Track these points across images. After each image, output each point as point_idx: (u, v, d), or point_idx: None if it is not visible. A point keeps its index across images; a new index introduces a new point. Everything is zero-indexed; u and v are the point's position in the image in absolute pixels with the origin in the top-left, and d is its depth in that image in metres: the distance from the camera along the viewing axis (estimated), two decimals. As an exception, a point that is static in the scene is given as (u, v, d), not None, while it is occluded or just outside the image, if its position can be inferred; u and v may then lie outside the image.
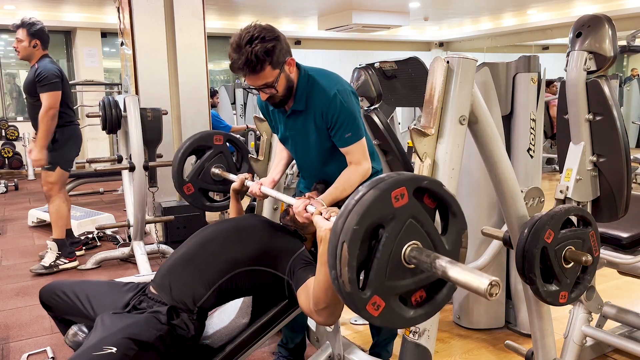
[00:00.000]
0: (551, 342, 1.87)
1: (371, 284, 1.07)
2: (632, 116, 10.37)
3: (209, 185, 2.50)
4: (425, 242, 1.11)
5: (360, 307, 1.06)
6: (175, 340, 1.61)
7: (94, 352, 1.43)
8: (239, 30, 1.82)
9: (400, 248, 1.08)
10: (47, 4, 8.53)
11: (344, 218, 1.05)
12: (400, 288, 1.10)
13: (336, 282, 1.06)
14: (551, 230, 1.57)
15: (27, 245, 4.53)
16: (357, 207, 1.05)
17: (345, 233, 1.04)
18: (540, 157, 2.66)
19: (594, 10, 9.42)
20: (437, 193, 1.15)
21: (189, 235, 1.91)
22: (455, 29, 13.02)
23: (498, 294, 0.92)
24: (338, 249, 1.04)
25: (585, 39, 1.97)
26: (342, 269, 1.04)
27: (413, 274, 1.11)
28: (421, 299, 1.15)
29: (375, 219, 1.06)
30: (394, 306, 1.10)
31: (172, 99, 4.49)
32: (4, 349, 2.70)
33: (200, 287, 1.70)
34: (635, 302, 3.07)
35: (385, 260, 1.07)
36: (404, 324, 1.17)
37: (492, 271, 2.74)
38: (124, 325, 1.57)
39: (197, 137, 2.50)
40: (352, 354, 2.09)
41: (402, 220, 1.08)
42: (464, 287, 0.96)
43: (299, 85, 1.93)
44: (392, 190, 1.07)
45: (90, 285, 1.89)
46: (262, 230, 1.87)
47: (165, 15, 4.38)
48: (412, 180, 1.10)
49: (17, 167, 8.26)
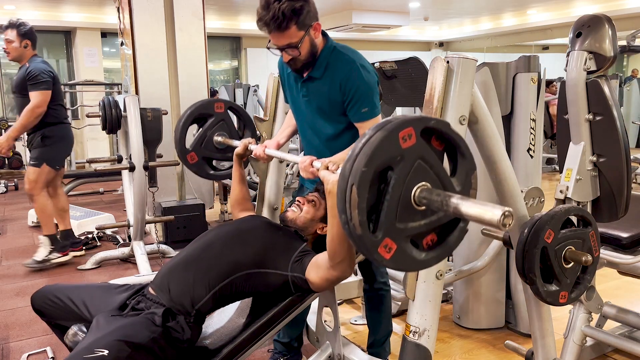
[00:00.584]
0: (551, 342, 1.87)
1: (382, 226, 1.06)
2: (632, 116, 10.37)
3: (212, 154, 2.49)
4: (434, 183, 1.11)
5: (372, 250, 1.06)
6: (170, 342, 1.60)
7: (85, 355, 1.43)
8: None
9: (410, 190, 1.08)
10: (47, 4, 8.53)
11: (352, 161, 1.05)
12: (412, 230, 1.10)
13: (347, 227, 1.06)
14: (551, 230, 1.57)
15: (27, 245, 4.53)
16: (364, 149, 1.05)
17: (354, 175, 1.03)
18: (540, 157, 2.66)
19: (594, 10, 9.42)
20: (445, 133, 1.13)
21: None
22: (455, 29, 13.02)
23: (511, 225, 0.92)
24: (347, 192, 1.04)
25: (585, 39, 1.97)
26: (352, 212, 1.03)
27: (424, 216, 1.10)
28: (432, 243, 1.15)
29: (383, 161, 1.05)
30: (405, 248, 1.09)
31: (172, 99, 4.49)
32: (4, 349, 2.70)
33: (200, 289, 1.69)
34: (635, 302, 3.07)
35: (395, 202, 1.07)
36: (417, 266, 1.16)
37: (492, 271, 2.74)
38: (117, 327, 1.57)
39: (198, 105, 2.49)
40: (352, 354, 2.09)
41: (411, 161, 1.08)
42: (477, 221, 0.96)
43: (322, 53, 1.94)
44: (399, 130, 1.06)
45: (84, 288, 1.88)
46: (263, 231, 1.87)
47: (165, 15, 4.39)
48: (419, 120, 1.10)
49: (17, 167, 8.25)
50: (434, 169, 1.11)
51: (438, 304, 1.50)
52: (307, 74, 1.97)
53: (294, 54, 1.88)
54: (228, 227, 1.90)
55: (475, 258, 2.73)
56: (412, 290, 1.50)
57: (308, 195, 1.99)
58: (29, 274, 3.78)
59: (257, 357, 2.51)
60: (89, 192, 6.82)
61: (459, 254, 2.83)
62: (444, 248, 1.16)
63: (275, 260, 1.77)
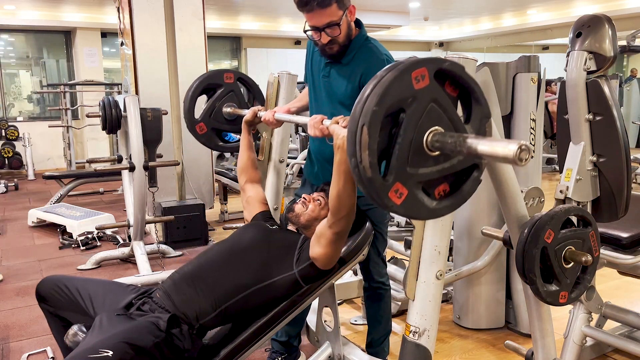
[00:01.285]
0: (551, 342, 1.87)
1: (393, 170, 1.03)
2: (632, 116, 10.36)
3: (221, 125, 2.49)
4: (447, 128, 1.07)
5: (382, 195, 1.03)
6: (172, 349, 1.60)
7: (90, 355, 1.43)
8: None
9: (422, 133, 1.04)
10: (47, 4, 8.52)
11: (363, 102, 1.02)
12: (423, 176, 1.06)
13: (356, 170, 1.02)
14: (551, 230, 1.57)
15: (27, 245, 4.53)
16: (375, 89, 1.01)
17: (365, 115, 1.00)
18: (540, 157, 2.66)
19: (594, 10, 9.42)
20: (459, 77, 1.09)
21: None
22: (455, 29, 13.02)
23: (528, 160, 0.89)
24: (357, 133, 1.00)
25: (585, 39, 1.97)
26: (363, 154, 1.00)
27: (436, 162, 1.07)
28: (444, 193, 1.12)
29: (395, 101, 1.02)
30: (417, 195, 1.06)
31: (172, 99, 4.49)
32: (4, 349, 2.70)
33: (206, 305, 1.71)
34: (635, 302, 3.07)
35: (406, 145, 1.03)
36: (428, 214, 1.12)
37: (492, 271, 2.74)
38: (123, 329, 1.57)
39: (207, 75, 2.51)
40: (352, 354, 2.09)
41: (424, 103, 1.04)
42: (493, 158, 0.94)
43: (355, 39, 1.98)
44: (412, 70, 1.03)
45: (92, 282, 1.88)
46: (261, 243, 1.87)
47: (165, 15, 4.38)
48: (432, 61, 1.06)
49: (17, 167, 8.26)
50: (448, 113, 1.07)
51: (438, 304, 1.50)
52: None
53: (334, 34, 1.90)
54: (227, 243, 1.90)
55: (475, 258, 2.73)
56: (412, 290, 1.50)
57: (314, 194, 2.00)
58: (29, 274, 3.78)
59: (256, 357, 2.51)
60: (89, 192, 6.82)
61: (459, 254, 2.83)
62: (457, 197, 1.12)
63: (279, 266, 1.79)
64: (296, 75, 2.55)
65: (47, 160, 9.04)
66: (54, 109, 7.90)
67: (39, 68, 9.72)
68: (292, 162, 4.43)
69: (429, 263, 1.45)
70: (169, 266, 3.87)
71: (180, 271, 1.83)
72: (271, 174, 2.53)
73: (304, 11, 1.88)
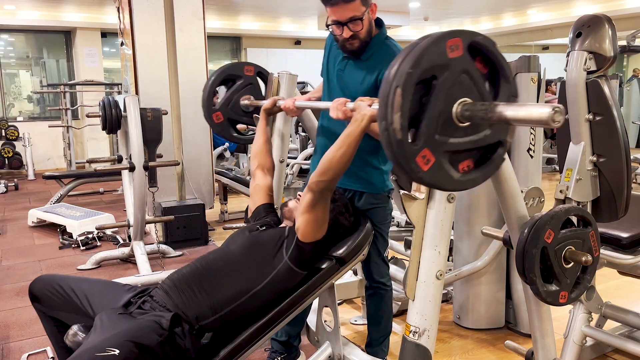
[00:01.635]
0: (551, 342, 1.87)
1: (422, 135, 1.05)
2: (632, 116, 10.37)
3: (238, 117, 2.53)
4: (476, 100, 1.10)
5: (410, 159, 1.04)
6: (174, 348, 1.61)
7: (97, 353, 1.44)
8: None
9: (452, 103, 1.08)
10: (47, 4, 8.52)
11: (398, 65, 1.04)
12: (451, 146, 1.09)
13: (386, 133, 1.04)
14: (551, 230, 1.56)
15: (27, 245, 4.53)
16: (412, 52, 1.04)
17: (399, 77, 1.02)
18: (540, 157, 2.66)
19: (594, 10, 9.42)
20: (490, 52, 1.13)
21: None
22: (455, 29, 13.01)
23: (561, 121, 0.92)
24: (390, 95, 1.03)
25: (585, 39, 1.97)
26: (394, 116, 1.02)
27: (465, 133, 1.10)
28: (468, 169, 1.16)
29: (429, 66, 1.04)
30: (443, 164, 1.09)
31: (172, 99, 4.49)
32: (4, 349, 2.70)
33: (206, 308, 1.72)
34: (635, 302, 3.07)
35: (437, 112, 1.06)
36: (452, 185, 1.15)
37: (492, 271, 2.74)
38: (127, 327, 1.57)
39: (228, 66, 2.57)
40: (352, 354, 2.09)
41: (456, 72, 1.07)
42: (525, 122, 0.97)
43: (375, 38, 2.01)
44: (447, 39, 1.07)
45: (87, 282, 1.87)
46: (250, 247, 1.88)
47: (165, 15, 4.38)
48: (467, 33, 1.11)
49: (17, 167, 8.26)
50: (478, 86, 1.10)
51: (438, 304, 1.50)
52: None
53: (357, 29, 1.92)
54: (220, 252, 1.91)
55: (475, 258, 2.73)
56: (412, 290, 1.50)
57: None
58: (29, 274, 3.78)
59: (256, 356, 2.51)
60: (89, 192, 6.82)
61: (459, 254, 2.83)
62: (481, 171, 1.16)
63: (271, 262, 1.81)
64: (296, 75, 2.55)
65: (47, 160, 9.04)
66: (54, 109, 7.90)
67: (39, 68, 9.72)
68: (292, 162, 4.44)
69: (429, 263, 1.45)
70: (169, 266, 3.87)
71: (179, 272, 1.83)
72: (271, 174, 2.53)
73: (327, 5, 1.91)
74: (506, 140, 1.18)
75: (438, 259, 1.46)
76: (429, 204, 1.41)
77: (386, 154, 1.09)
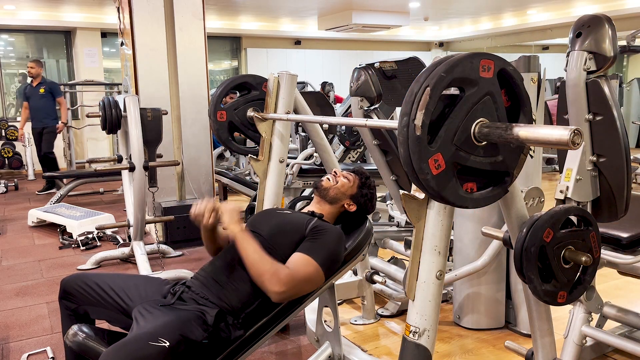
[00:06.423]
0: (551, 342, 1.87)
1: (439, 139, 1.09)
2: (632, 116, 10.35)
3: (238, 123, 2.57)
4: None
5: (423, 157, 1.08)
6: (218, 342, 1.64)
7: (150, 341, 1.47)
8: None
9: (473, 120, 1.13)
10: (47, 4, 8.52)
11: (432, 69, 1.10)
12: (463, 159, 1.14)
13: (405, 129, 1.08)
14: (550, 229, 1.56)
15: (27, 245, 4.53)
16: (448, 60, 1.10)
17: (431, 78, 1.07)
18: (540, 157, 2.66)
19: (594, 10, 9.42)
20: (516, 84, 1.19)
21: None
22: (455, 29, 13.02)
23: (580, 144, 0.96)
24: (419, 93, 1.07)
25: (585, 39, 1.97)
26: (418, 112, 1.06)
27: (478, 152, 1.15)
28: (471, 191, 1.20)
29: (460, 76, 1.10)
30: (451, 174, 1.13)
31: (172, 99, 4.49)
32: (4, 349, 2.70)
33: (246, 295, 1.74)
34: (635, 302, 3.07)
35: (457, 122, 1.11)
36: (454, 197, 1.18)
37: (492, 271, 2.74)
38: (174, 319, 1.60)
39: (250, 75, 2.65)
40: (352, 354, 2.09)
41: (483, 91, 1.13)
42: (545, 144, 1.02)
43: None
44: (482, 58, 1.12)
45: (119, 277, 1.91)
46: (276, 227, 1.92)
47: (165, 15, 4.38)
48: (500, 59, 1.16)
49: (17, 167, 8.26)
50: (499, 112, 1.15)
51: (438, 304, 1.50)
52: None
53: None
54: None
55: (475, 258, 2.73)
56: (412, 290, 1.50)
57: (343, 172, 2.10)
58: (29, 274, 3.78)
59: (256, 356, 2.52)
60: (89, 192, 6.82)
61: (459, 254, 2.83)
62: (484, 196, 1.21)
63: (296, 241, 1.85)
64: (296, 75, 2.55)
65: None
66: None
67: (39, 68, 9.72)
68: (292, 162, 4.43)
69: (429, 263, 1.45)
70: (169, 266, 3.87)
71: (212, 264, 1.87)
72: (271, 174, 2.53)
73: None
74: (513, 173, 1.24)
75: (438, 259, 1.46)
76: (429, 204, 1.41)
77: (399, 152, 1.13)
